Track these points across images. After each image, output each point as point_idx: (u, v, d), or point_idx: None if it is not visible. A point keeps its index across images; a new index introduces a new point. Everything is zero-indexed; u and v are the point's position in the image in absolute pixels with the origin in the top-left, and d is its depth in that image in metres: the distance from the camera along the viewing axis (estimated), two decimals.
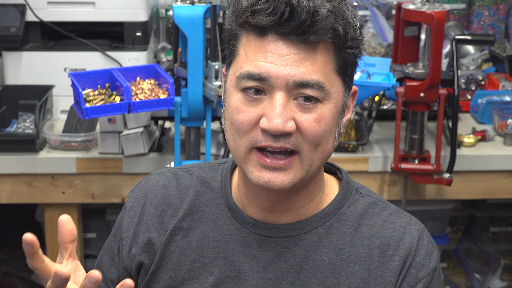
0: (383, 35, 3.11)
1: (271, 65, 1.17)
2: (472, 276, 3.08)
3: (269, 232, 1.29)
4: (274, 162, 1.20)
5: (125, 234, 1.36)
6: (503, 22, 3.26)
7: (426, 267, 1.29)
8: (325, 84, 1.18)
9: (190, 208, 1.34)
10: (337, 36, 1.18)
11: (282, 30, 1.16)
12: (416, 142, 2.47)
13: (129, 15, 2.69)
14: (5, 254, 3.06)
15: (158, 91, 2.27)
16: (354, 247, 1.29)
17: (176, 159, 2.34)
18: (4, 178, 2.46)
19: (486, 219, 3.15)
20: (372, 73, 2.38)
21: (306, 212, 1.30)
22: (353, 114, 2.72)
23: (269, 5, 1.15)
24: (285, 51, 1.17)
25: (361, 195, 1.35)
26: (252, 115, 1.19)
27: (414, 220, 1.34)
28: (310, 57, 1.17)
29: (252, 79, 1.18)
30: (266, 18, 1.15)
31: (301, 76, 1.17)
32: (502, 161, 2.54)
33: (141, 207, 1.37)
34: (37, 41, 2.73)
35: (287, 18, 1.14)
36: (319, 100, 1.19)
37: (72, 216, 2.51)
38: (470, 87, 2.93)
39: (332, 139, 1.23)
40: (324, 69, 1.18)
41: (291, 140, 1.18)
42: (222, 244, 1.31)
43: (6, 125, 2.60)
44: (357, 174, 2.48)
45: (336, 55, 1.20)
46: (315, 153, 1.21)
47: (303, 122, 1.18)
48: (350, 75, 1.25)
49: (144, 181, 1.40)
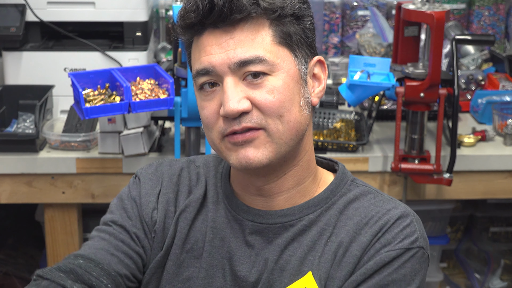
0: (383, 35, 3.11)
1: (211, 56, 1.24)
2: (472, 276, 3.08)
3: (261, 219, 1.33)
4: (241, 136, 1.25)
5: (144, 199, 1.39)
6: (503, 22, 3.26)
7: (393, 244, 1.27)
8: (266, 57, 1.24)
9: (203, 192, 1.39)
10: (263, 10, 1.23)
11: (210, 22, 1.23)
12: (416, 142, 2.47)
13: (129, 15, 2.69)
14: (5, 254, 3.06)
15: (158, 91, 2.27)
16: (336, 228, 1.31)
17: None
18: (4, 178, 2.46)
19: (486, 219, 3.15)
20: (372, 73, 2.38)
21: (297, 197, 1.34)
22: (353, 114, 2.72)
23: (192, 4, 1.24)
24: (221, 39, 1.24)
25: (356, 185, 1.36)
26: (213, 107, 1.26)
27: (403, 205, 1.33)
28: (245, 37, 1.24)
29: (202, 75, 1.26)
30: (191, 16, 1.24)
31: (239, 56, 1.23)
32: (502, 161, 2.54)
33: (160, 181, 1.41)
34: (37, 41, 2.73)
35: (208, 9, 1.22)
36: (267, 73, 1.24)
37: (72, 216, 2.54)
38: (470, 87, 2.93)
39: (297, 108, 1.26)
40: (262, 43, 1.24)
41: (252, 118, 1.24)
42: (220, 225, 1.36)
43: (6, 125, 2.60)
44: (357, 174, 2.48)
45: (272, 28, 1.25)
46: (281, 124, 1.25)
47: (256, 97, 1.24)
48: (298, 43, 1.28)
49: (158, 163, 1.45)
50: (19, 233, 3.20)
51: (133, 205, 1.39)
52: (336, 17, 3.19)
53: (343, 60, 3.13)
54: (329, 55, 3.20)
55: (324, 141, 2.51)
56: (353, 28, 3.20)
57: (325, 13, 3.17)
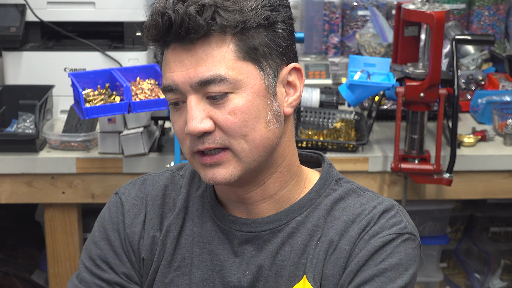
0: (383, 35, 3.11)
1: (174, 73, 1.22)
2: (472, 276, 3.08)
3: (249, 228, 1.31)
4: (209, 159, 1.23)
5: (129, 230, 1.36)
6: (503, 22, 3.26)
7: (382, 234, 1.26)
8: (227, 75, 1.20)
9: (183, 206, 1.36)
10: (220, 26, 1.19)
11: (170, 39, 1.21)
12: (416, 142, 2.47)
13: (129, 15, 2.69)
14: (5, 254, 3.06)
15: (158, 91, 2.27)
16: (325, 229, 1.30)
17: (176, 159, 2.34)
18: (4, 178, 2.46)
19: (486, 219, 3.15)
20: (372, 73, 2.38)
21: (282, 201, 1.32)
22: (353, 114, 2.72)
23: (153, 20, 1.21)
24: (182, 57, 1.21)
25: (340, 185, 1.35)
26: (181, 123, 1.24)
27: (388, 199, 1.33)
28: (206, 55, 1.20)
29: (168, 92, 1.24)
30: (153, 32, 1.21)
31: (199, 75, 1.20)
32: (502, 161, 2.54)
33: (144, 206, 1.38)
34: (37, 41, 2.73)
35: (167, 28, 1.19)
36: (229, 92, 1.21)
37: (72, 216, 2.54)
38: (470, 87, 2.93)
39: (262, 125, 1.22)
40: (224, 60, 1.20)
41: (215, 139, 1.22)
42: (206, 239, 1.33)
43: (6, 125, 2.60)
44: (357, 174, 2.49)
45: (234, 42, 1.20)
46: (246, 144, 1.22)
47: (218, 118, 1.21)
48: (266, 54, 1.23)
49: (141, 181, 1.41)
50: (19, 233, 3.20)
51: (117, 237, 1.37)
52: (336, 17, 3.19)
53: (343, 60, 3.13)
54: (329, 55, 3.20)
55: (324, 141, 2.51)
56: (353, 28, 3.20)
57: (325, 13, 3.17)
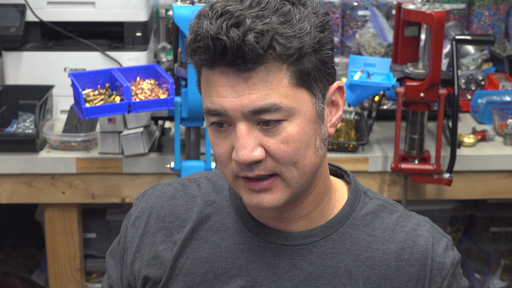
0: (383, 35, 3.11)
1: (223, 99, 1.14)
2: (472, 276, 3.08)
3: (284, 240, 1.27)
4: (258, 185, 1.19)
5: (129, 244, 1.35)
6: (503, 22, 3.26)
7: (447, 264, 1.29)
8: (282, 103, 1.14)
9: (199, 218, 1.32)
10: (278, 54, 1.12)
11: (222, 64, 1.13)
12: (416, 142, 2.47)
13: (129, 15, 2.69)
14: (5, 254, 3.06)
15: (158, 91, 2.27)
16: (369, 252, 1.28)
17: (176, 159, 2.34)
18: (4, 178, 2.46)
19: (486, 219, 3.15)
20: (372, 73, 2.38)
21: (317, 218, 1.29)
22: (353, 114, 2.72)
23: (202, 43, 1.12)
24: (233, 82, 1.14)
25: (369, 198, 1.33)
26: (225, 147, 1.18)
27: (422, 219, 1.33)
28: (259, 82, 1.13)
29: (213, 115, 1.17)
30: (201, 57, 1.14)
31: (254, 104, 1.13)
32: (502, 161, 2.54)
33: (146, 218, 1.35)
34: (37, 41, 2.73)
35: (220, 53, 1.11)
36: (282, 119, 1.15)
37: (72, 216, 2.54)
38: (470, 87, 2.93)
39: (312, 151, 1.19)
40: (278, 87, 1.14)
41: (265, 166, 1.17)
42: (235, 254, 1.29)
43: (6, 125, 2.60)
44: (357, 174, 2.48)
45: (289, 69, 1.14)
46: (296, 170, 1.18)
47: (270, 147, 1.16)
48: (316, 78, 1.18)
49: (151, 191, 1.39)
50: (19, 233, 3.20)
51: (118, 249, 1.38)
52: (336, 17, 3.19)
53: (343, 60, 3.13)
54: None
55: None
56: (353, 28, 3.20)
57: None
